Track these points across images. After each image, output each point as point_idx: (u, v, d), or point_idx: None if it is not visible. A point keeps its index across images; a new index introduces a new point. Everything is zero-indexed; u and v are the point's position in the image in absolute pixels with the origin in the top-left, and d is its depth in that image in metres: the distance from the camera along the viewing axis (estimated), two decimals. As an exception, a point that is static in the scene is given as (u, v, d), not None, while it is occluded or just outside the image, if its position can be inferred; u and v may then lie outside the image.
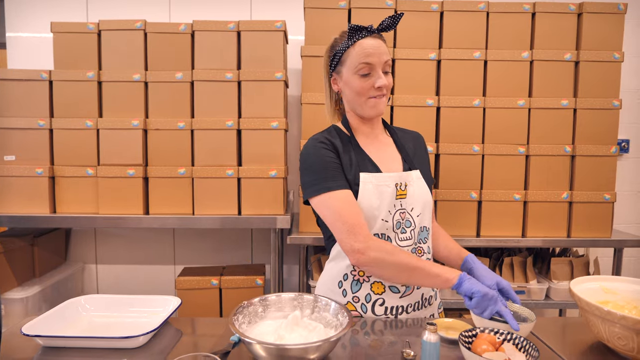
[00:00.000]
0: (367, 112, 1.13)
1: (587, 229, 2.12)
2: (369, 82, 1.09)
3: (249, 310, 0.99)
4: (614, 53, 2.08)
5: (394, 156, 1.18)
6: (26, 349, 0.94)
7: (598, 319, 0.89)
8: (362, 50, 1.08)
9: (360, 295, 1.11)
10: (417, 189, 1.14)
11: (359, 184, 1.08)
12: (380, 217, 1.08)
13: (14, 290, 2.09)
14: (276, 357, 0.83)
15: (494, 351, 0.84)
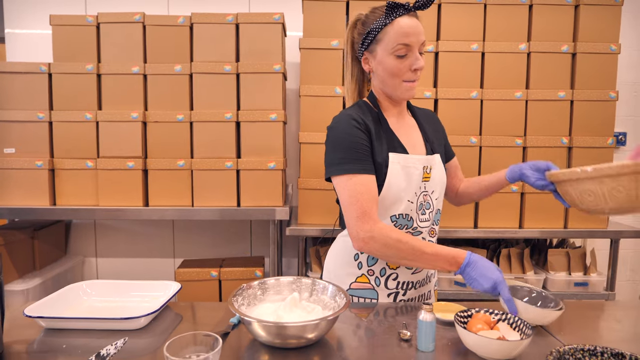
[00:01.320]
0: (400, 94, 1.09)
1: (583, 220, 2.14)
2: (405, 64, 1.05)
3: (248, 292, 1.00)
4: (611, 45, 2.09)
5: (419, 139, 1.17)
6: (29, 331, 0.95)
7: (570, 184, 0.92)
8: (401, 30, 1.02)
9: (376, 269, 1.13)
10: (438, 172, 1.15)
11: (389, 165, 1.07)
12: (407, 199, 1.09)
13: (14, 282, 2.11)
14: (275, 336, 0.84)
15: (489, 330, 0.85)
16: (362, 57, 1.12)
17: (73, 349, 0.87)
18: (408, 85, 1.07)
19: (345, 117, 1.07)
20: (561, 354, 0.71)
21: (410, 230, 1.11)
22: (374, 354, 0.86)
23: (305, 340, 0.86)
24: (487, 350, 0.81)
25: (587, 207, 0.95)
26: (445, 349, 0.88)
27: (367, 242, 1.01)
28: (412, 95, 1.10)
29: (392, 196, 1.07)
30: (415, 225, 1.12)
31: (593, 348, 0.73)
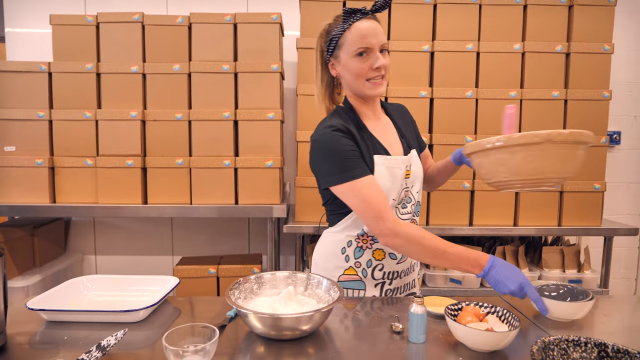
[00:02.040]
0: (368, 93, 1.13)
1: (577, 218, 2.17)
2: (367, 64, 1.10)
3: (244, 286, 1.03)
4: (604, 45, 2.12)
5: (395, 137, 1.21)
6: (31, 323, 0.98)
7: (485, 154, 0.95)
8: (358, 33, 1.09)
9: (362, 261, 1.17)
10: (416, 167, 1.20)
11: (374, 167, 1.12)
12: (392, 197, 1.14)
13: (14, 279, 2.13)
14: (270, 327, 0.87)
15: (478, 322, 0.88)
16: (329, 63, 1.18)
17: (74, 341, 0.89)
18: (373, 83, 1.12)
19: (329, 129, 1.10)
20: (546, 344, 0.74)
21: None
22: (367, 346, 0.89)
23: (300, 332, 0.89)
24: (476, 341, 0.84)
25: (499, 179, 0.95)
26: (436, 341, 0.90)
27: (392, 238, 1.04)
28: (380, 92, 1.14)
29: None
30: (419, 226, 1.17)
31: (577, 339, 0.76)
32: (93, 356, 0.80)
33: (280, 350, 0.87)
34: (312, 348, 0.88)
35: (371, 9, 1.13)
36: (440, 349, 0.87)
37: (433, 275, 2.18)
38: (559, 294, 1.05)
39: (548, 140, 0.86)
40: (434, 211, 2.15)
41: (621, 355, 0.72)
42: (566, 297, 1.04)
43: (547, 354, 0.73)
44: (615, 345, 0.73)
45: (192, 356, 0.77)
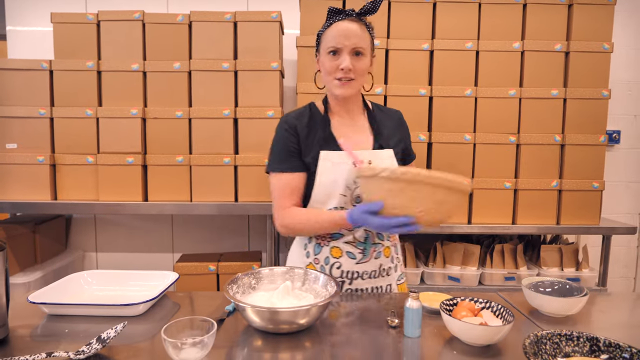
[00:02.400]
0: (335, 91, 1.17)
1: (576, 217, 2.18)
2: (336, 63, 1.13)
3: (243, 281, 1.04)
4: (604, 44, 2.13)
5: (365, 137, 1.23)
6: (33, 317, 0.99)
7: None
8: (334, 32, 1.12)
9: (320, 258, 1.20)
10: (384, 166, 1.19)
11: (319, 161, 1.16)
12: (338, 192, 1.16)
13: (16, 276, 2.14)
14: (268, 321, 0.88)
15: (473, 317, 0.89)
16: (316, 58, 1.23)
17: (75, 334, 0.91)
18: (339, 83, 1.14)
19: (282, 121, 1.22)
20: (539, 338, 0.75)
21: None
22: (363, 340, 0.90)
23: (297, 326, 0.90)
24: (470, 336, 0.85)
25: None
26: (431, 335, 0.92)
27: (284, 225, 1.18)
28: (345, 93, 1.16)
29: (323, 190, 1.17)
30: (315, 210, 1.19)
31: (569, 333, 0.77)
32: (93, 348, 0.81)
33: (277, 343, 0.88)
34: (308, 342, 0.89)
35: (357, 12, 1.15)
36: (435, 343, 0.88)
37: (432, 273, 2.19)
38: (553, 289, 1.06)
39: (373, 175, 0.92)
40: (433, 209, 2.16)
41: (612, 349, 0.73)
42: (561, 293, 1.05)
43: (540, 347, 0.74)
44: (607, 340, 0.75)
45: (190, 349, 0.78)
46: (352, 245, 1.18)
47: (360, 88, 1.20)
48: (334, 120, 1.23)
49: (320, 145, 1.18)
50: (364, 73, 1.17)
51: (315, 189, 1.17)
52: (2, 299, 0.87)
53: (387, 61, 2.13)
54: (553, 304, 0.98)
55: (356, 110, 1.26)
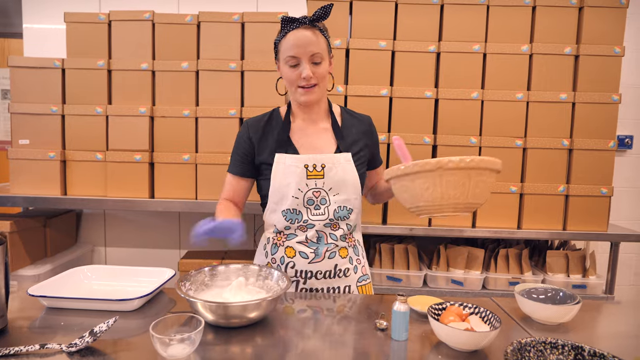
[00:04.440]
0: (299, 99, 1.20)
1: (583, 223, 2.14)
2: (296, 73, 1.15)
3: (196, 278, 1.07)
4: (615, 47, 2.08)
5: (326, 141, 1.25)
6: (32, 309, 1.03)
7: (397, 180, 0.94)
8: (288, 42, 1.14)
9: (277, 257, 1.24)
10: (340, 171, 1.21)
11: (273, 164, 1.20)
12: (290, 194, 1.19)
13: (26, 268, 2.21)
14: (219, 316, 0.91)
15: (460, 322, 0.89)
16: (277, 65, 1.24)
17: (70, 326, 0.94)
18: (302, 90, 1.17)
19: (244, 123, 1.29)
20: (522, 345, 0.75)
21: (301, 223, 1.21)
22: (351, 342, 0.91)
23: (247, 320, 0.93)
24: (456, 341, 0.85)
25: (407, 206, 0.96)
26: (419, 339, 0.92)
27: None
28: (310, 99, 1.18)
29: (277, 192, 1.21)
30: (305, 218, 1.20)
31: (554, 341, 0.77)
32: (85, 341, 0.84)
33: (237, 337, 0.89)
34: (292, 341, 0.90)
35: (310, 18, 1.16)
36: (422, 347, 0.89)
37: (435, 276, 2.18)
38: (547, 296, 1.05)
39: (439, 167, 0.87)
40: (436, 212, 2.15)
41: (597, 359, 0.73)
42: (554, 301, 1.04)
43: (523, 355, 0.74)
44: (592, 349, 0.74)
45: (178, 345, 0.80)
46: (304, 245, 1.21)
47: (324, 92, 1.22)
48: (295, 124, 1.26)
49: (275, 148, 1.21)
50: (325, 77, 1.19)
51: (270, 190, 1.21)
52: (2, 290, 0.90)
53: (393, 63, 2.13)
54: (544, 311, 0.97)
55: (320, 114, 1.27)
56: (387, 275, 2.18)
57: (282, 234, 1.23)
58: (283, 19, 1.16)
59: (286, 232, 1.23)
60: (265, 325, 0.97)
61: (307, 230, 1.21)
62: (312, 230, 1.20)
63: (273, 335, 0.93)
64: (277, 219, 1.23)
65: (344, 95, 2.12)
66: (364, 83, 2.11)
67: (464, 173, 0.86)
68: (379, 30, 2.11)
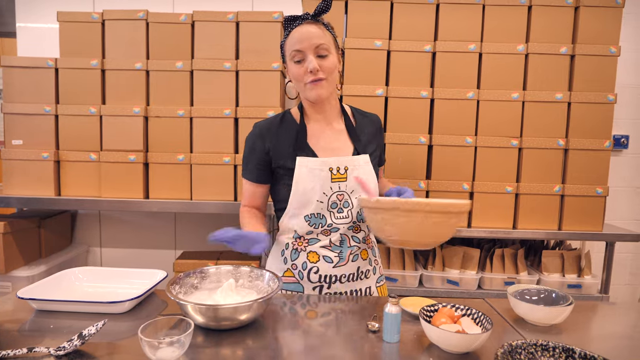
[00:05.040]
0: (309, 96, 1.16)
1: (578, 223, 2.14)
2: (302, 68, 1.12)
3: (185, 281, 1.06)
4: (611, 47, 2.08)
5: (343, 142, 1.22)
6: (21, 312, 1.02)
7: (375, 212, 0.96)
8: (292, 39, 1.12)
9: (298, 263, 1.21)
10: (361, 173, 1.19)
11: (295, 167, 1.16)
12: (315, 199, 1.16)
13: (21, 269, 2.20)
14: (209, 319, 0.91)
15: (452, 324, 0.88)
16: (286, 70, 1.21)
17: (59, 329, 0.93)
18: (310, 85, 1.13)
19: (253, 128, 1.24)
20: (513, 348, 0.74)
21: (325, 227, 1.18)
22: (342, 344, 0.90)
23: (238, 322, 0.93)
24: (448, 343, 0.84)
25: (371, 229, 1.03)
26: (410, 341, 0.91)
27: None
28: (319, 94, 1.14)
29: (300, 197, 1.17)
30: (330, 222, 1.18)
31: (546, 343, 0.76)
32: (73, 344, 0.83)
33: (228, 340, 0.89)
34: (282, 342, 0.90)
35: (312, 14, 1.14)
36: (413, 349, 0.88)
37: (430, 276, 2.18)
38: (539, 298, 1.05)
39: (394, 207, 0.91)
40: (432, 212, 2.14)
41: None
42: (546, 302, 1.03)
43: (514, 357, 0.73)
44: (582, 351, 0.74)
45: (166, 348, 0.80)
46: (328, 249, 1.18)
47: (333, 88, 1.18)
48: (310, 126, 1.23)
49: (295, 152, 1.17)
50: (333, 71, 1.14)
51: (292, 196, 1.17)
52: (-10, 293, 0.89)
53: (389, 63, 2.12)
54: (537, 312, 0.97)
55: (333, 114, 1.25)
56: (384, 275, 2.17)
57: (303, 239, 1.20)
58: (285, 19, 1.15)
59: (307, 236, 1.19)
60: (256, 327, 0.96)
61: (331, 234, 1.18)
62: (336, 233, 1.18)
63: (264, 337, 0.92)
64: (299, 224, 1.19)
65: (340, 95, 2.10)
66: (360, 83, 2.10)
67: (422, 215, 0.90)
68: (374, 29, 2.10)
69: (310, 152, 1.18)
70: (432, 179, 2.13)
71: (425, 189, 2.12)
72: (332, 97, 1.22)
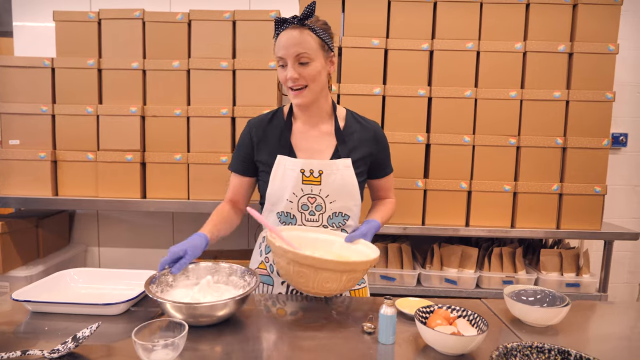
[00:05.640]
0: (292, 101, 1.19)
1: (576, 221, 2.14)
2: (284, 74, 1.15)
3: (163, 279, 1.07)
4: (609, 45, 2.07)
5: (326, 145, 1.22)
6: (16, 314, 1.01)
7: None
8: (278, 44, 1.14)
9: (270, 257, 1.26)
10: (338, 177, 1.18)
11: (274, 165, 1.19)
12: (285, 197, 1.19)
13: (18, 269, 2.19)
14: (188, 316, 0.92)
15: (448, 325, 0.88)
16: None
17: (53, 331, 0.93)
18: (292, 93, 1.16)
19: (248, 123, 1.29)
20: (508, 350, 0.74)
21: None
22: (337, 345, 0.90)
23: (217, 318, 0.95)
24: (443, 345, 0.84)
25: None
26: (406, 343, 0.91)
27: None
28: (301, 101, 1.16)
29: (273, 194, 1.21)
30: (299, 223, 1.21)
31: (541, 345, 0.76)
32: (67, 347, 0.83)
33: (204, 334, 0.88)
34: (280, 345, 0.89)
35: (299, 17, 1.13)
36: (409, 351, 0.88)
37: (428, 275, 2.18)
38: (536, 298, 1.04)
39: (284, 254, 0.98)
40: (429, 212, 2.14)
41: (583, 363, 0.72)
42: (543, 302, 1.03)
43: (509, 359, 0.73)
44: (578, 353, 0.73)
45: (161, 350, 0.79)
46: None
47: (318, 92, 1.17)
48: (296, 125, 1.25)
49: (277, 149, 1.21)
50: (316, 78, 1.14)
51: (268, 191, 1.21)
52: (-17, 296, 0.88)
53: (386, 61, 2.11)
54: (533, 313, 0.96)
55: (321, 115, 1.25)
56: (381, 274, 2.17)
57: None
58: (276, 21, 1.15)
59: None
60: (248, 327, 0.96)
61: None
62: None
63: (250, 338, 0.92)
64: (272, 220, 1.23)
65: (337, 94, 2.10)
66: (357, 81, 2.09)
67: (309, 268, 0.95)
68: (371, 28, 2.09)
69: (291, 151, 1.21)
70: (429, 178, 2.13)
71: (423, 187, 2.12)
72: (321, 98, 1.21)
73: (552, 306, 1.00)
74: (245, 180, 1.29)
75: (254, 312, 1.06)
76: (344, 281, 0.97)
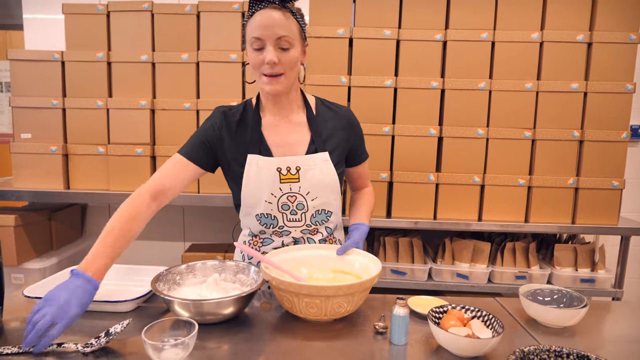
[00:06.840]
0: (264, 88, 1.07)
1: (593, 216, 2.09)
2: (261, 57, 1.03)
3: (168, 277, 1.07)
4: (630, 34, 2.00)
5: (300, 138, 1.15)
6: (28, 310, 1.01)
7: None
8: (254, 23, 1.02)
9: (253, 262, 1.20)
10: (317, 173, 1.12)
11: (245, 165, 1.11)
12: (263, 199, 1.11)
13: (32, 261, 2.22)
14: (194, 314, 0.92)
15: (462, 327, 0.86)
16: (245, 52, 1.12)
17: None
18: (266, 79, 1.05)
19: (213, 113, 1.16)
20: (525, 354, 0.72)
21: (276, 229, 1.15)
22: (348, 345, 0.88)
23: (223, 316, 0.94)
24: (456, 347, 0.82)
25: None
26: (418, 343, 0.89)
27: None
28: (275, 90, 1.06)
29: (249, 196, 1.12)
30: (281, 224, 1.14)
31: (559, 349, 0.73)
32: (100, 342, 0.86)
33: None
34: (293, 344, 0.88)
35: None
36: (421, 352, 0.86)
37: (440, 269, 2.15)
38: (552, 299, 1.02)
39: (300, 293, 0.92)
40: (442, 205, 2.11)
41: (604, 369, 0.70)
42: (560, 303, 1.00)
43: (526, 364, 0.71)
44: (598, 358, 0.71)
45: (171, 349, 0.79)
46: None
47: (292, 83, 1.10)
48: (266, 119, 1.15)
49: (247, 148, 1.12)
50: (294, 66, 1.06)
51: (243, 194, 1.13)
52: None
53: (398, 52, 2.07)
54: (549, 314, 0.94)
55: (292, 106, 1.16)
56: (392, 268, 2.15)
57: (258, 238, 1.18)
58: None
59: (262, 236, 1.17)
60: (256, 325, 0.95)
61: (283, 236, 1.16)
62: (288, 236, 1.16)
63: (258, 337, 0.91)
64: (252, 222, 1.16)
65: (348, 86, 2.07)
66: (368, 73, 2.05)
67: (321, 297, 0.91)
68: (383, 18, 2.04)
69: (264, 147, 1.13)
70: (442, 172, 2.09)
71: (435, 181, 2.08)
72: (292, 89, 1.14)
73: (570, 307, 0.97)
74: (191, 169, 1.12)
75: (261, 310, 1.06)
76: (356, 300, 0.95)
